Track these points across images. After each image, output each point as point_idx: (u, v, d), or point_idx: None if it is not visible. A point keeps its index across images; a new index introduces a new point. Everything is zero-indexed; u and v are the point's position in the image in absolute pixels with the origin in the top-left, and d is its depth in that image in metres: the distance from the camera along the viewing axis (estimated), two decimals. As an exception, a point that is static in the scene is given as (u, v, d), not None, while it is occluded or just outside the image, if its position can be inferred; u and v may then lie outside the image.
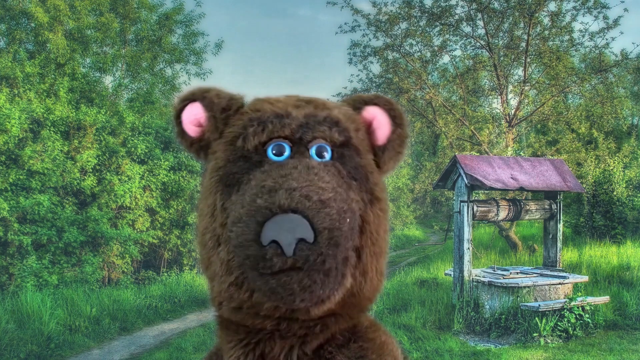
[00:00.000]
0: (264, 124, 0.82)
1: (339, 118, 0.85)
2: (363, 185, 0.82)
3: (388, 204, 0.87)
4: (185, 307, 10.75)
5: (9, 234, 10.57)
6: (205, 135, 0.88)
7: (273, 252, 0.70)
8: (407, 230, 25.96)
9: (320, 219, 0.70)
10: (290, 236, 0.70)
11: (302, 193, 0.71)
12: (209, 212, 0.82)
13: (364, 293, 0.82)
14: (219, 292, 0.81)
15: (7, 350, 7.60)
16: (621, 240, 14.19)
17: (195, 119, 0.88)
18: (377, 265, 0.83)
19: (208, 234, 0.82)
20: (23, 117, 11.14)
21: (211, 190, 0.82)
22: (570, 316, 8.20)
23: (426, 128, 17.18)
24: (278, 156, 0.80)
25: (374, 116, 0.89)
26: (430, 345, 7.70)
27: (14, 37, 14.07)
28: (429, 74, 16.36)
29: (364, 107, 0.90)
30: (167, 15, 16.45)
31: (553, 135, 17.71)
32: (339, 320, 0.83)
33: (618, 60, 15.91)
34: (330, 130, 0.83)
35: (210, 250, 0.81)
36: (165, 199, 13.73)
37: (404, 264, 16.21)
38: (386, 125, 0.89)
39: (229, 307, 0.81)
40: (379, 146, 0.89)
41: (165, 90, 17.31)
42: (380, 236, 0.83)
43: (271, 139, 0.81)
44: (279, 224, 0.70)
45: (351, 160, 0.82)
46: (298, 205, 0.70)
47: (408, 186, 24.37)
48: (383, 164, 0.89)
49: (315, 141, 0.82)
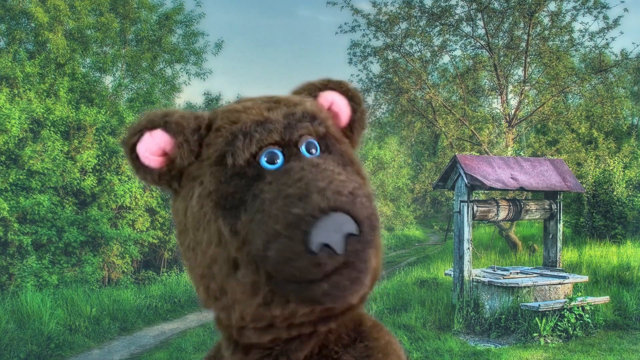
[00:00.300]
0: (250, 135, 0.79)
1: (314, 110, 0.84)
2: (353, 169, 0.83)
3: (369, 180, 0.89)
4: (185, 307, 10.76)
5: (9, 234, 10.57)
6: (177, 163, 0.81)
7: (327, 256, 0.68)
8: (407, 230, 25.96)
9: (357, 209, 0.70)
10: (339, 235, 0.69)
11: (332, 189, 0.71)
12: (215, 241, 0.77)
13: (377, 270, 0.82)
14: (241, 317, 0.77)
15: (7, 350, 7.60)
16: (621, 240, 14.19)
17: (158, 148, 0.80)
18: (378, 240, 0.83)
19: (217, 264, 0.77)
20: (23, 117, 11.14)
21: (209, 219, 0.77)
22: (570, 316, 8.21)
23: (426, 128, 17.19)
24: (271, 164, 0.77)
25: (332, 101, 0.89)
26: (430, 345, 7.70)
27: (14, 37, 14.07)
28: (429, 74, 16.36)
29: (318, 93, 0.89)
30: (167, 15, 16.45)
31: (553, 135, 17.72)
32: (354, 306, 0.83)
33: (618, 60, 15.92)
34: (312, 125, 0.82)
35: (225, 279, 0.77)
36: (165, 199, 13.73)
37: (404, 264, 16.22)
38: (345, 106, 0.89)
39: (257, 327, 0.78)
40: (344, 128, 0.89)
41: (165, 90, 17.31)
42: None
43: (261, 148, 0.78)
44: (325, 227, 0.69)
45: (335, 149, 0.83)
46: (336, 203, 0.70)
47: (408, 186, 24.38)
48: (353, 143, 0.90)
49: (302, 139, 0.80)
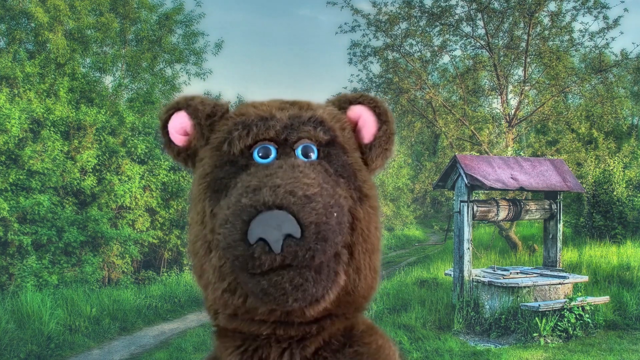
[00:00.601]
0: (249, 127, 0.82)
1: (323, 117, 0.85)
2: (351, 183, 0.82)
3: (378, 201, 0.87)
4: (185, 307, 10.76)
5: (9, 234, 10.57)
6: (192, 144, 0.88)
7: (261, 250, 0.69)
8: (407, 230, 25.95)
9: (306, 213, 0.70)
10: (277, 233, 0.69)
11: (287, 189, 0.71)
12: (199, 220, 0.81)
13: (359, 291, 0.81)
14: (214, 300, 0.80)
15: (7, 350, 7.60)
16: (621, 240, 14.19)
17: (181, 128, 0.88)
18: (371, 263, 0.83)
19: (199, 242, 0.81)
20: (23, 117, 11.14)
21: (200, 198, 0.82)
22: (570, 316, 8.20)
23: (426, 128, 17.18)
24: (264, 158, 0.80)
25: (359, 115, 0.90)
26: (430, 345, 7.70)
27: (14, 37, 14.07)
28: (429, 74, 16.35)
29: (349, 106, 0.91)
30: (167, 15, 16.45)
31: (553, 135, 17.72)
32: (335, 320, 0.82)
33: (618, 60, 15.91)
34: (315, 130, 0.83)
35: (202, 258, 0.80)
36: (165, 199, 13.73)
37: (404, 264, 16.21)
38: (372, 123, 0.89)
39: (225, 314, 0.81)
40: (366, 144, 0.89)
41: (165, 90, 17.30)
42: (371, 233, 0.83)
43: (256, 141, 0.81)
44: (264, 221, 0.69)
45: (338, 159, 0.83)
46: (283, 201, 0.70)
47: (408, 186, 24.37)
48: (371, 162, 0.89)
49: (300, 141, 0.82)
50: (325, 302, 0.75)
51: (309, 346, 0.80)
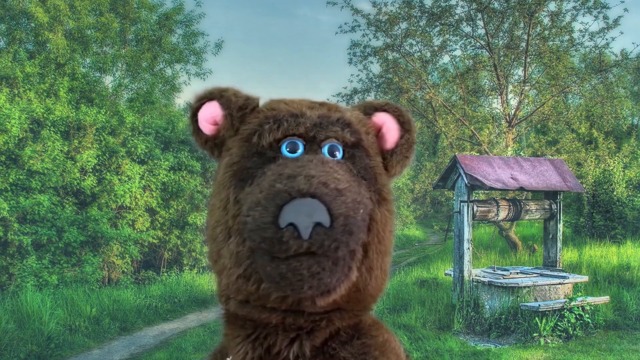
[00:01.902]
0: (279, 122, 0.85)
1: (351, 120, 0.88)
2: (372, 185, 0.85)
3: (394, 206, 0.90)
4: (185, 307, 10.75)
5: (9, 234, 10.57)
6: (221, 133, 0.90)
7: (290, 234, 0.71)
8: (407, 230, 25.94)
9: (337, 205, 0.72)
10: (308, 220, 0.71)
11: (320, 180, 0.74)
12: (222, 206, 0.84)
13: (369, 290, 0.84)
14: (227, 285, 0.83)
15: (7, 350, 7.60)
16: (621, 240, 14.19)
17: (212, 117, 0.91)
18: (382, 264, 0.86)
19: (219, 227, 0.83)
20: (23, 117, 11.14)
21: (225, 185, 0.85)
22: (570, 316, 8.20)
23: (426, 128, 17.18)
24: (292, 153, 0.83)
25: (384, 122, 0.93)
26: (430, 345, 7.70)
27: (14, 37, 14.07)
28: (429, 74, 16.36)
29: (374, 112, 0.94)
30: (167, 15, 16.43)
31: (553, 135, 17.73)
32: (344, 315, 0.85)
33: (618, 60, 15.92)
34: (342, 131, 0.86)
35: (221, 243, 0.83)
36: (165, 199, 13.73)
37: (404, 264, 16.21)
38: (395, 130, 0.93)
39: (237, 300, 0.83)
40: (387, 150, 0.93)
41: (165, 90, 17.30)
42: (386, 235, 0.86)
43: (286, 136, 0.84)
44: (297, 207, 0.72)
45: (361, 161, 0.86)
46: (316, 191, 0.72)
47: (408, 186, 24.35)
48: (391, 168, 0.93)
49: (327, 140, 0.85)
50: (336, 294, 0.78)
51: (317, 337, 0.83)
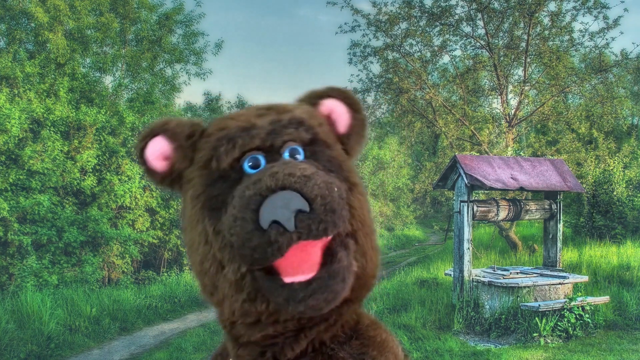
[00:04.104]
0: (233, 140, 0.83)
1: (302, 117, 0.87)
2: (339, 175, 0.84)
3: (363, 186, 0.90)
4: (185, 307, 10.75)
5: (9, 234, 10.57)
6: (175, 167, 0.88)
7: (275, 232, 0.71)
8: (407, 230, 25.95)
9: (309, 188, 0.72)
10: (287, 211, 0.71)
11: (285, 172, 0.74)
12: (202, 241, 0.82)
13: (367, 272, 0.85)
14: (232, 312, 0.81)
15: (7, 350, 7.60)
16: (621, 240, 14.18)
17: (161, 154, 0.88)
18: (372, 243, 0.86)
19: (208, 262, 0.81)
20: (23, 117, 11.14)
21: (197, 219, 0.82)
22: (570, 316, 8.20)
23: (426, 128, 17.18)
24: (255, 169, 0.81)
25: (332, 108, 0.92)
26: (430, 345, 7.70)
27: (14, 37, 14.06)
28: (429, 74, 16.35)
29: (319, 101, 0.93)
30: (167, 15, 16.44)
31: (553, 135, 17.71)
32: (350, 305, 0.86)
33: (618, 60, 15.91)
34: (297, 131, 0.85)
35: (215, 276, 0.81)
36: (165, 199, 13.73)
37: (404, 264, 16.21)
38: (345, 113, 0.92)
39: (246, 323, 0.82)
40: (343, 134, 0.92)
41: (165, 90, 17.30)
42: (366, 217, 0.86)
43: (244, 153, 0.82)
44: (272, 203, 0.71)
45: (323, 154, 0.85)
46: (284, 182, 0.73)
47: (408, 186, 24.36)
48: (350, 150, 0.93)
49: (286, 145, 0.84)
50: (345, 293, 0.78)
51: (327, 331, 0.84)
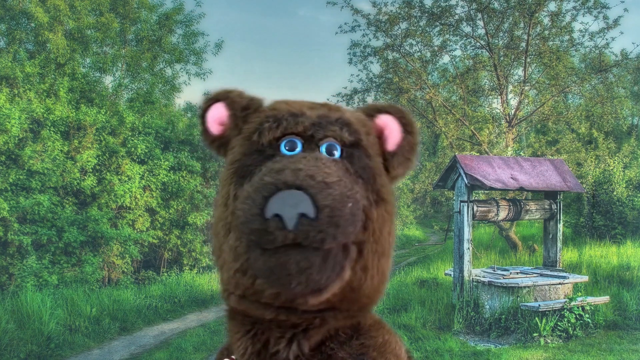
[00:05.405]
0: (279, 121, 0.87)
1: (350, 120, 0.90)
2: (369, 185, 0.85)
3: (395, 207, 0.90)
4: (185, 307, 10.75)
5: (9, 234, 10.56)
6: (226, 133, 0.94)
7: (275, 225, 0.72)
8: (407, 230, 25.94)
9: (322, 197, 0.73)
10: (293, 210, 0.72)
11: (307, 173, 0.75)
12: (223, 202, 0.86)
13: (364, 290, 0.84)
14: (227, 280, 0.84)
15: (7, 350, 7.59)
16: (621, 240, 14.19)
17: (218, 118, 0.94)
18: (379, 265, 0.85)
19: (221, 223, 0.86)
20: (23, 117, 11.14)
21: (226, 182, 0.87)
22: (570, 316, 8.20)
23: (426, 128, 17.17)
24: (290, 151, 0.85)
25: (386, 123, 0.94)
26: (430, 345, 7.70)
27: (14, 37, 14.07)
28: (429, 74, 16.37)
29: (376, 114, 0.95)
30: (167, 15, 16.43)
31: (553, 135, 17.73)
32: (338, 316, 0.85)
33: (618, 60, 15.92)
34: (341, 130, 0.87)
35: (222, 239, 0.85)
36: (165, 199, 13.72)
37: (404, 264, 16.21)
38: (397, 132, 0.94)
39: (235, 295, 0.84)
40: (389, 152, 0.93)
41: (165, 90, 17.29)
42: (383, 236, 0.85)
43: (285, 134, 0.86)
44: (282, 198, 0.73)
45: (360, 161, 0.86)
46: (302, 183, 0.74)
47: (408, 186, 24.31)
48: (392, 169, 0.93)
49: (325, 139, 0.86)
50: (327, 292, 0.78)
51: (311, 337, 0.83)
